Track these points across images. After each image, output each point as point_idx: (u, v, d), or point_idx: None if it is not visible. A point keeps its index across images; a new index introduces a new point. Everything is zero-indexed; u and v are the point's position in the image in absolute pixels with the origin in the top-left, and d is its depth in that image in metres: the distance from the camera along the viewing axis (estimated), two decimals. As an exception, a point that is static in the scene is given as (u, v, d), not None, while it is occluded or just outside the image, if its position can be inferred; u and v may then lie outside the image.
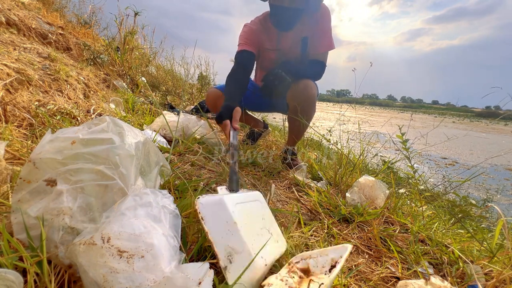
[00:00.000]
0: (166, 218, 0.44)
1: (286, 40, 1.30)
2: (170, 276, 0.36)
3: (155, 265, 0.36)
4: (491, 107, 4.94)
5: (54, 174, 0.40)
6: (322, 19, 1.23)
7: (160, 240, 0.39)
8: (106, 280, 0.33)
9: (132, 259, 0.35)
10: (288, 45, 1.31)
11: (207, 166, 1.15)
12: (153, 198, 0.45)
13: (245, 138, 1.76)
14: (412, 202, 1.17)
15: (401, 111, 28.24)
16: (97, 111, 1.37)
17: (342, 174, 1.17)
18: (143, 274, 0.35)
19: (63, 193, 0.39)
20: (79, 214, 0.39)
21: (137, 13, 2.57)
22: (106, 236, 0.36)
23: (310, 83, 1.23)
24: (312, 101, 1.24)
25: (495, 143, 8.04)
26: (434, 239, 0.81)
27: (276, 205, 0.95)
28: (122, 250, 0.35)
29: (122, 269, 0.34)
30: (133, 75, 2.52)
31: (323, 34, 1.24)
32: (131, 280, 0.34)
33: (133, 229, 0.38)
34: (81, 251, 0.36)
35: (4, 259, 0.38)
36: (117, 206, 0.41)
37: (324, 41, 1.25)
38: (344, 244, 0.55)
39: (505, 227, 0.68)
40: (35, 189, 0.40)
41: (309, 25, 1.25)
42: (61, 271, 0.43)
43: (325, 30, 1.24)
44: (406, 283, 0.55)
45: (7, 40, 1.36)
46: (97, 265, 0.34)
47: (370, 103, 77.79)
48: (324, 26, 1.24)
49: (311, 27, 1.25)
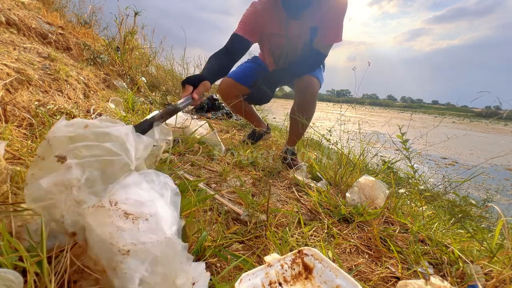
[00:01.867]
0: (167, 194, 0.47)
1: (295, 27, 1.25)
2: (171, 238, 0.39)
3: (158, 228, 0.39)
4: (491, 107, 4.94)
5: (65, 151, 0.43)
6: (334, 9, 1.18)
7: (162, 208, 0.43)
8: (112, 237, 0.36)
9: (137, 221, 0.39)
10: (297, 33, 1.26)
11: (207, 166, 1.15)
12: (156, 177, 0.49)
13: (246, 138, 1.76)
14: (412, 202, 1.17)
15: (401, 111, 28.24)
16: (97, 111, 1.37)
17: (342, 174, 1.17)
18: (147, 233, 0.38)
19: (72, 166, 0.42)
20: (86, 187, 0.43)
21: (137, 13, 2.57)
22: (113, 201, 0.40)
23: (312, 81, 1.24)
24: (313, 98, 1.27)
25: (495, 143, 8.04)
26: (434, 239, 0.81)
27: (276, 205, 0.95)
28: (128, 212, 0.39)
29: (128, 228, 0.37)
30: (133, 75, 2.52)
31: (331, 25, 1.20)
32: (136, 238, 0.37)
33: (138, 197, 0.42)
34: (90, 212, 0.39)
35: (4, 259, 0.38)
36: (123, 178, 0.44)
37: (330, 33, 1.21)
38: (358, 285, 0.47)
39: (505, 227, 0.68)
40: (47, 164, 0.43)
41: (320, 14, 1.19)
42: (61, 271, 0.43)
43: (335, 21, 1.19)
44: (406, 283, 0.55)
45: (7, 40, 1.36)
46: (104, 224, 0.37)
47: (370, 103, 77.75)
48: (334, 16, 1.18)
49: (322, 16, 1.20)
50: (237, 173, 1.16)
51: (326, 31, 1.22)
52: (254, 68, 1.50)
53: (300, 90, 1.26)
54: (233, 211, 0.79)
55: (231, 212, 0.79)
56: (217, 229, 0.68)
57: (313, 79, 1.26)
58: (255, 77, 1.45)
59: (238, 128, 2.27)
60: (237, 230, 0.71)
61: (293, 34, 1.28)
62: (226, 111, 2.76)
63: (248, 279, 0.46)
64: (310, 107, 1.29)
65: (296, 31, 1.27)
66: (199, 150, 1.28)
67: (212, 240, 0.63)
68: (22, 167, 0.67)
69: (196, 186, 0.83)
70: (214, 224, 0.71)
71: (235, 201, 0.88)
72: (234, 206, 0.81)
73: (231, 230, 0.70)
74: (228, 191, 0.95)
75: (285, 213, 0.86)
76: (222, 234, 0.67)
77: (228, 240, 0.66)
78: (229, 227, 0.73)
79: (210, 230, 0.68)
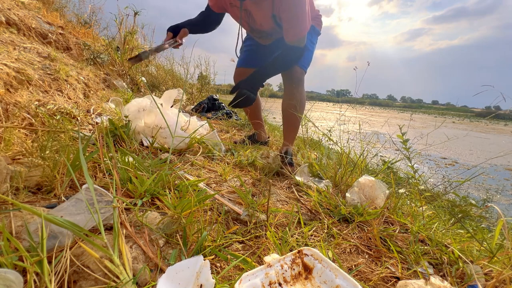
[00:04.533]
0: None
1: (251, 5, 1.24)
2: None
3: None
4: (491, 107, 4.94)
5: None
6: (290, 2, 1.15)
7: None
8: None
9: None
10: (255, 11, 1.27)
11: (207, 166, 1.15)
12: None
13: (245, 138, 1.76)
14: (412, 202, 1.17)
15: (401, 111, 28.23)
16: (97, 110, 1.37)
17: (342, 174, 1.17)
18: None
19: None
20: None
21: (136, 13, 2.57)
22: None
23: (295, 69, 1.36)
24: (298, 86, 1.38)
25: (495, 143, 8.04)
26: (434, 239, 0.81)
27: (276, 205, 0.95)
28: None
29: None
30: (133, 75, 2.52)
31: (291, 19, 1.18)
32: None
33: None
34: None
35: (4, 259, 0.38)
36: None
37: (293, 31, 1.21)
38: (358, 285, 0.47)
39: (505, 227, 0.68)
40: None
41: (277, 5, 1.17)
42: (61, 271, 0.43)
43: (294, 15, 1.17)
44: (406, 283, 0.55)
45: (7, 39, 1.36)
46: None
47: (370, 103, 77.68)
48: (292, 9, 1.16)
49: (277, 6, 1.18)
50: (237, 173, 1.16)
51: (290, 30, 1.21)
52: (253, 48, 1.58)
53: (286, 83, 1.37)
54: (233, 211, 0.79)
55: (231, 212, 0.79)
56: (217, 229, 0.68)
57: (295, 68, 1.36)
58: (258, 55, 1.55)
59: (238, 128, 2.27)
60: (237, 230, 0.71)
61: (249, 10, 1.27)
62: (226, 111, 2.76)
63: (248, 279, 0.46)
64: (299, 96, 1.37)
65: (253, 9, 1.26)
66: (199, 150, 1.28)
67: (212, 240, 0.63)
68: (22, 167, 0.67)
69: (196, 186, 0.83)
70: (214, 224, 0.71)
71: (235, 201, 0.88)
72: (234, 206, 0.81)
73: (231, 230, 0.70)
74: (228, 191, 0.95)
75: (285, 213, 0.86)
76: (222, 234, 0.67)
77: (228, 240, 0.66)
78: (229, 227, 0.73)
79: (210, 230, 0.68)
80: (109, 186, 0.70)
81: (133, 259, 0.50)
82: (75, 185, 0.72)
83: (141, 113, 1.21)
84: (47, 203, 0.61)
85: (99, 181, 0.76)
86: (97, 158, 0.81)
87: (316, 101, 2.48)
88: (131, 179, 0.74)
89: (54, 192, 0.65)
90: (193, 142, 1.29)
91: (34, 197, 0.63)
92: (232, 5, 1.32)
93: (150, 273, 0.49)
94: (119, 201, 0.59)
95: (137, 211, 0.63)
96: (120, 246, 0.47)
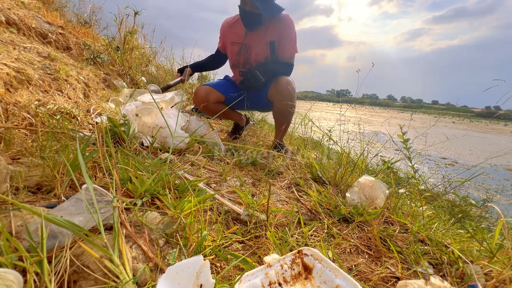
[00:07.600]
0: None
1: (252, 39, 1.56)
2: None
3: None
4: (491, 107, 4.84)
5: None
6: (286, 28, 1.50)
7: None
8: None
9: None
10: (254, 43, 1.56)
11: (207, 166, 1.15)
12: None
13: (230, 133, 1.89)
14: (412, 202, 1.17)
15: (401, 111, 28.21)
16: (97, 110, 1.37)
17: (342, 174, 1.17)
18: None
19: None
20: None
21: (136, 13, 2.57)
22: None
23: (289, 79, 1.50)
24: (294, 94, 1.52)
25: (494, 143, 8.04)
26: (434, 239, 0.81)
27: (276, 205, 0.95)
28: None
29: None
30: (133, 74, 2.52)
31: (288, 41, 1.52)
32: None
33: None
34: None
35: (4, 259, 0.38)
36: None
37: (289, 48, 1.53)
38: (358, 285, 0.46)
39: (505, 227, 0.68)
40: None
41: (276, 32, 1.51)
42: (61, 271, 0.43)
43: (290, 38, 1.52)
44: (406, 283, 0.55)
45: (7, 39, 1.36)
46: None
47: (370, 103, 77.61)
48: (289, 34, 1.51)
49: (277, 34, 1.51)
50: (237, 173, 1.16)
51: (286, 47, 1.53)
52: (225, 83, 1.77)
53: (281, 88, 1.48)
54: (233, 211, 0.79)
55: (231, 212, 0.79)
56: (217, 229, 0.68)
57: (289, 78, 1.52)
58: (227, 88, 1.71)
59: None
60: (237, 230, 0.71)
61: (249, 44, 1.57)
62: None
63: (248, 280, 0.46)
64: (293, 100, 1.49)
65: (254, 42, 1.56)
66: (199, 150, 1.28)
67: (212, 240, 0.63)
68: (22, 166, 0.67)
69: (196, 186, 0.83)
70: (214, 224, 0.71)
71: (235, 201, 0.88)
72: (234, 206, 0.81)
73: (231, 230, 0.70)
74: (228, 191, 0.95)
75: (285, 213, 0.86)
76: (222, 234, 0.67)
77: (228, 240, 0.66)
78: (229, 227, 0.73)
79: (210, 230, 0.68)
80: (109, 186, 0.70)
81: (133, 259, 0.50)
82: (75, 185, 0.72)
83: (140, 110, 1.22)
84: (47, 203, 0.61)
85: (99, 181, 0.76)
86: (97, 158, 0.81)
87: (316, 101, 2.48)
88: (131, 179, 0.74)
89: (54, 192, 0.65)
90: (193, 142, 1.29)
91: (34, 197, 0.63)
92: (233, 43, 1.62)
93: (150, 273, 0.49)
94: (119, 201, 0.59)
95: (137, 211, 0.63)
96: (120, 246, 0.47)
